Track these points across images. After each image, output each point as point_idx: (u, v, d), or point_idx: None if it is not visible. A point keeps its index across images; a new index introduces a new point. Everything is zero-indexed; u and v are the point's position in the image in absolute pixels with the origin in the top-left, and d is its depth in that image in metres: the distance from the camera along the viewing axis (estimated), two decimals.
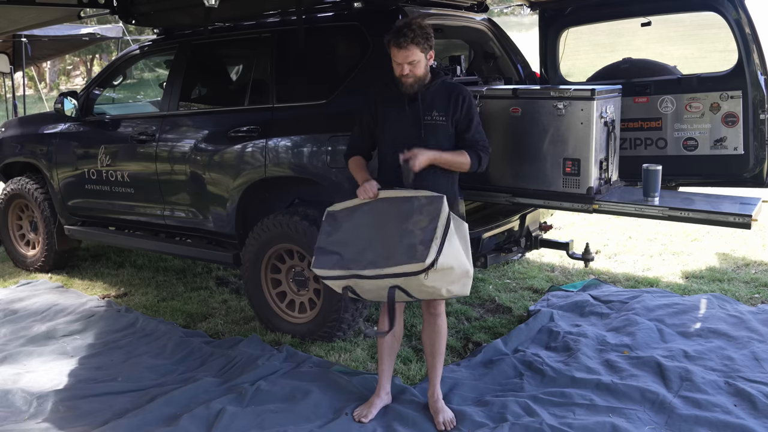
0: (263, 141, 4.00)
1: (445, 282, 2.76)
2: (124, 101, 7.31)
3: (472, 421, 3.05)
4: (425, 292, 2.80)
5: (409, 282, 2.75)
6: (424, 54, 2.91)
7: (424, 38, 2.89)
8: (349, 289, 2.89)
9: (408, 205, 2.84)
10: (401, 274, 2.74)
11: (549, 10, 4.45)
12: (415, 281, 2.73)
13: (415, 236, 2.76)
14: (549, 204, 3.57)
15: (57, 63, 26.94)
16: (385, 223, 2.86)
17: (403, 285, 2.77)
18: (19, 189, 5.58)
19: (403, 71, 2.91)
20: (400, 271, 2.73)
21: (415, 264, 2.70)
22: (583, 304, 4.37)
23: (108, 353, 3.95)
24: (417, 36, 2.86)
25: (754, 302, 4.46)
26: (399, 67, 2.92)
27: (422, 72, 2.94)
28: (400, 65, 2.91)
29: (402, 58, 2.88)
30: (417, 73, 2.92)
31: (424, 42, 2.89)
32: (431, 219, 2.76)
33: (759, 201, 3.39)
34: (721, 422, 2.96)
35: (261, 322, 4.24)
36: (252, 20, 4.42)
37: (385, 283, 2.78)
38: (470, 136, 3.01)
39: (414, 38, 2.86)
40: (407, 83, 2.94)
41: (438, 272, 2.71)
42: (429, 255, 2.68)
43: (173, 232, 4.74)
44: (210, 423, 3.07)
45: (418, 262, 2.70)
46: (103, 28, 11.35)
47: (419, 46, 2.88)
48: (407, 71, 2.90)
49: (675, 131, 3.95)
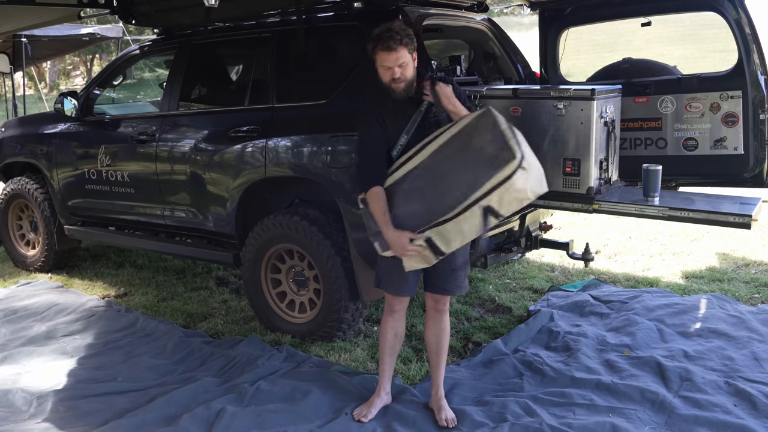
0: (263, 141, 4.00)
1: (529, 182, 2.66)
2: (124, 101, 7.31)
3: (472, 421, 3.05)
4: (515, 200, 2.67)
5: (501, 195, 2.63)
6: (410, 55, 2.89)
7: (409, 39, 2.87)
8: (429, 245, 2.77)
9: (457, 142, 2.77)
10: (495, 187, 2.62)
11: (549, 10, 4.44)
12: (509, 190, 2.62)
13: (485, 152, 2.68)
14: (549, 204, 3.56)
15: (57, 63, 26.95)
16: (443, 171, 2.78)
17: (495, 203, 2.64)
18: (19, 189, 5.58)
19: (394, 74, 2.86)
20: (493, 184, 2.62)
21: (505, 168, 2.60)
22: (583, 304, 4.37)
23: (108, 353, 3.95)
24: (403, 37, 2.84)
25: (754, 302, 4.47)
26: (389, 71, 2.87)
27: (411, 74, 2.91)
28: (390, 69, 2.86)
29: (392, 61, 2.85)
30: (407, 75, 2.89)
31: (410, 43, 2.88)
32: (492, 128, 2.70)
33: (759, 201, 3.38)
34: (721, 422, 2.96)
35: (261, 322, 4.24)
36: (252, 20, 4.42)
37: (475, 211, 2.67)
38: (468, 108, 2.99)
39: (401, 39, 2.83)
40: (399, 88, 2.89)
41: (525, 171, 2.62)
42: (516, 151, 2.61)
43: (173, 232, 4.74)
44: (210, 423, 3.07)
45: (507, 163, 2.60)
46: (103, 28, 11.36)
47: (407, 47, 2.86)
48: (398, 74, 2.86)
49: (675, 131, 3.95)
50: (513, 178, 2.61)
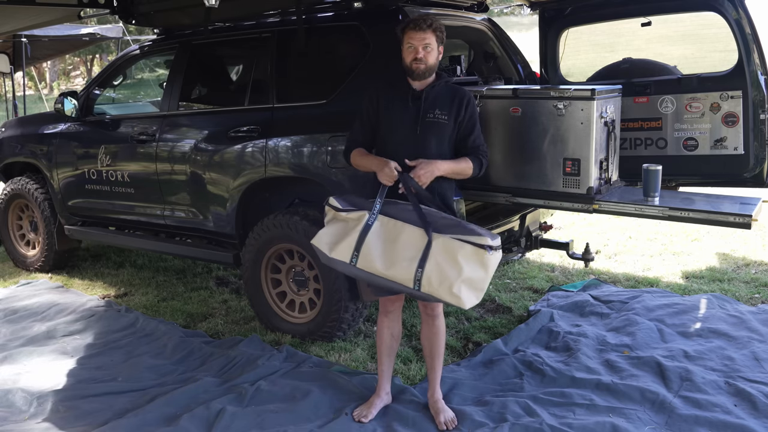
0: (263, 141, 4.00)
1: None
2: (124, 101, 7.31)
3: (472, 421, 3.05)
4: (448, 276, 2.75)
5: (467, 255, 2.73)
6: (437, 44, 2.95)
7: (440, 30, 2.95)
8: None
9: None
10: (472, 242, 2.74)
11: (549, 10, 4.44)
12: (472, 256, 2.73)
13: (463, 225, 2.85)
14: (549, 204, 3.56)
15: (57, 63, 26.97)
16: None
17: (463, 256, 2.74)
18: (19, 189, 5.58)
19: (417, 54, 2.91)
20: (472, 239, 2.74)
21: (483, 238, 2.75)
22: (583, 304, 4.37)
23: (108, 353, 3.95)
24: (434, 23, 2.93)
25: (754, 302, 4.47)
26: (413, 51, 2.92)
27: (433, 61, 2.96)
28: (415, 48, 2.91)
29: (419, 40, 2.91)
30: (429, 60, 2.93)
31: (440, 33, 2.95)
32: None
33: (759, 201, 3.38)
34: (721, 422, 2.96)
35: (261, 322, 4.24)
36: (252, 20, 4.42)
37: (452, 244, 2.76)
38: (472, 140, 3.02)
39: (432, 24, 2.92)
40: (419, 69, 2.93)
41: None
42: (495, 239, 2.77)
43: (173, 232, 4.74)
44: (210, 423, 3.07)
45: (485, 237, 2.75)
46: (103, 28, 11.36)
47: (435, 34, 2.93)
48: (421, 54, 2.91)
49: (675, 131, 3.95)
50: (484, 250, 2.78)
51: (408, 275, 2.77)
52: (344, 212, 2.93)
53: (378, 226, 2.87)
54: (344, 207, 2.94)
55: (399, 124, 2.99)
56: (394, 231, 2.86)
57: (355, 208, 2.93)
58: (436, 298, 2.79)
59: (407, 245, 2.81)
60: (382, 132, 3.06)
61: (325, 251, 2.92)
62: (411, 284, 2.77)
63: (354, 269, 2.87)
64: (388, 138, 3.03)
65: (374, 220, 2.87)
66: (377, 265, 2.82)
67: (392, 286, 2.86)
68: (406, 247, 2.81)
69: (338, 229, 2.93)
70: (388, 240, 2.85)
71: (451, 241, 2.77)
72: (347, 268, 2.90)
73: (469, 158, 2.99)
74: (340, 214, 2.94)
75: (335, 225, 2.95)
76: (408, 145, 2.95)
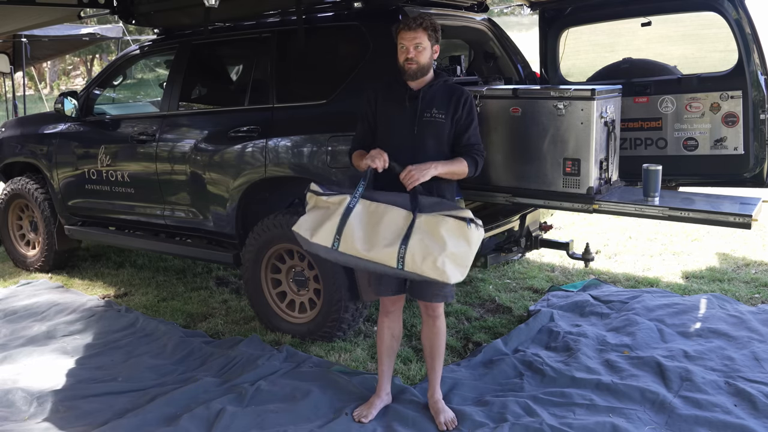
0: (263, 141, 4.00)
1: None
2: (124, 101, 7.31)
3: (472, 421, 3.05)
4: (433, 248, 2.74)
5: (450, 229, 2.74)
6: (430, 43, 2.94)
7: (432, 29, 2.94)
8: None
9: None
10: (454, 215, 2.75)
11: (549, 10, 4.44)
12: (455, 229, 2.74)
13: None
14: (549, 204, 3.56)
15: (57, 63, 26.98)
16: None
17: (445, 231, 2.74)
18: (19, 189, 5.58)
19: (408, 54, 2.91)
20: (453, 213, 2.76)
21: (464, 212, 2.77)
22: (583, 304, 4.37)
23: (108, 353, 3.95)
24: (425, 22, 2.92)
25: (754, 302, 4.47)
26: (404, 51, 2.93)
27: (426, 61, 2.95)
28: (407, 48, 2.92)
29: (409, 39, 2.91)
30: (421, 60, 2.92)
31: (432, 32, 2.94)
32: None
33: (759, 201, 3.38)
34: (721, 422, 2.96)
35: (261, 322, 4.24)
36: (252, 20, 4.42)
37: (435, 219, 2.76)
38: (467, 138, 3.00)
39: (422, 23, 2.91)
40: (411, 69, 2.93)
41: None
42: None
43: (173, 232, 4.74)
44: (210, 423, 3.07)
45: (466, 212, 2.78)
46: (103, 28, 11.35)
47: (427, 32, 2.92)
48: (412, 54, 2.91)
49: (675, 131, 3.95)
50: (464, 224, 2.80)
51: (390, 255, 2.74)
52: (325, 196, 2.90)
53: (360, 208, 2.84)
54: (325, 191, 2.92)
55: (396, 125, 2.99)
56: (376, 213, 2.83)
57: (336, 192, 2.92)
58: (420, 276, 2.75)
59: (390, 226, 2.79)
60: (380, 132, 3.06)
61: (307, 236, 2.88)
62: (394, 263, 2.74)
63: (335, 253, 2.84)
64: (386, 138, 3.03)
65: (356, 203, 2.84)
66: (358, 246, 2.79)
67: (375, 268, 2.82)
68: (389, 227, 2.79)
69: (319, 215, 2.89)
70: (370, 223, 2.82)
71: (433, 216, 2.77)
72: (329, 253, 2.86)
73: (464, 158, 2.98)
74: (321, 199, 2.91)
75: (316, 211, 2.92)
76: (406, 145, 2.95)
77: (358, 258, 2.81)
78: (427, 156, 2.93)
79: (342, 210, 2.84)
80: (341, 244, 2.81)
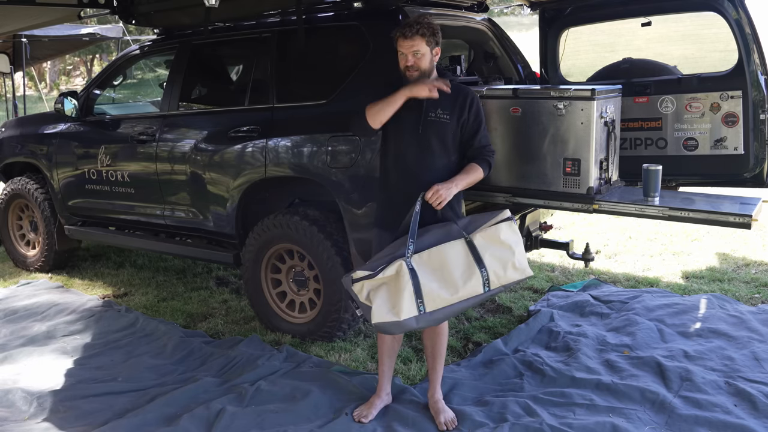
0: (263, 141, 4.00)
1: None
2: (124, 101, 7.31)
3: (472, 421, 3.05)
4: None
5: (507, 233, 2.88)
6: (429, 48, 2.94)
7: (430, 33, 2.92)
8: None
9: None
10: (499, 221, 2.88)
11: (549, 10, 4.44)
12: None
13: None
14: (549, 204, 3.56)
15: (57, 63, 26.95)
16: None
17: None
18: (19, 189, 5.58)
19: (407, 62, 2.92)
20: (497, 220, 2.89)
21: (501, 214, 2.92)
22: (583, 304, 4.37)
23: (108, 353, 3.95)
24: (423, 28, 2.91)
25: (754, 302, 4.47)
26: (404, 58, 2.94)
27: (427, 66, 2.95)
28: (405, 56, 2.93)
29: (407, 47, 2.91)
30: (421, 65, 2.93)
31: (430, 36, 2.92)
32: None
33: (759, 201, 3.38)
34: (721, 422, 2.96)
35: (261, 322, 4.24)
36: (252, 20, 4.42)
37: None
38: (478, 141, 3.01)
39: (419, 30, 2.90)
40: (411, 76, 2.94)
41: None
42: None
43: (173, 232, 4.74)
44: (210, 423, 3.07)
45: (501, 213, 2.93)
46: (103, 28, 11.34)
47: (424, 38, 2.91)
48: (411, 62, 2.92)
49: (675, 131, 3.95)
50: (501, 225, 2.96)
51: (476, 284, 2.79)
52: (377, 274, 2.78)
53: (419, 263, 2.80)
54: (372, 270, 2.80)
55: (402, 124, 2.99)
56: (436, 258, 2.82)
57: (382, 264, 2.81)
58: (504, 287, 2.86)
59: (456, 261, 2.81)
60: (386, 133, 3.05)
61: (395, 319, 2.75)
62: (481, 289, 2.80)
63: (427, 316, 2.78)
64: (391, 139, 3.04)
65: (411, 263, 2.79)
66: (445, 296, 2.78)
67: (466, 306, 2.86)
68: (457, 262, 2.81)
69: (386, 294, 2.78)
70: (437, 270, 2.81)
71: (485, 230, 2.85)
72: (421, 320, 2.79)
73: (477, 162, 3.00)
74: (376, 279, 2.78)
75: (379, 293, 2.79)
76: (411, 146, 2.96)
77: (449, 306, 2.82)
78: (433, 156, 2.95)
79: (406, 276, 2.76)
80: (427, 304, 2.78)
